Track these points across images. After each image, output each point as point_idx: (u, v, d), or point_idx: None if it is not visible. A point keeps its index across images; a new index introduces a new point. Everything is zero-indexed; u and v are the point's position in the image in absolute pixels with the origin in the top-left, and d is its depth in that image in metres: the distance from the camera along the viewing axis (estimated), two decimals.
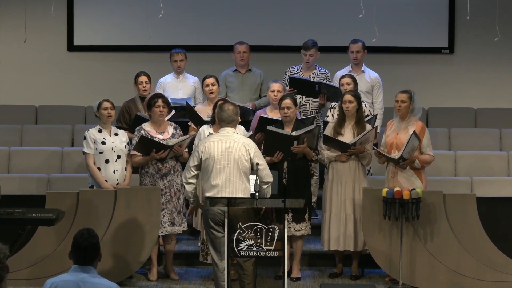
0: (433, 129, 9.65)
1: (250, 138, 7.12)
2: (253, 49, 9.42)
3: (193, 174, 6.59)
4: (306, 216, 7.79)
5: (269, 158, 7.54)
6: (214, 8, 10.69)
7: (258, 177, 6.43)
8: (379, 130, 8.45)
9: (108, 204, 7.54)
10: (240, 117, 6.89)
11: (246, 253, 6.13)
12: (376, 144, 8.04)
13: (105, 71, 10.73)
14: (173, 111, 8.19)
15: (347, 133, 7.82)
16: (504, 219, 8.55)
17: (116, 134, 7.88)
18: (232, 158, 6.48)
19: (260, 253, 6.11)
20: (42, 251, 7.51)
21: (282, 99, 7.84)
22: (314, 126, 7.79)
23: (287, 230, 6.14)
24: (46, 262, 7.49)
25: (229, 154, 6.49)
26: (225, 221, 6.16)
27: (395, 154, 7.65)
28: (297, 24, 10.60)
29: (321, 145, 7.96)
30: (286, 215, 6.18)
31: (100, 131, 7.84)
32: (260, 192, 6.43)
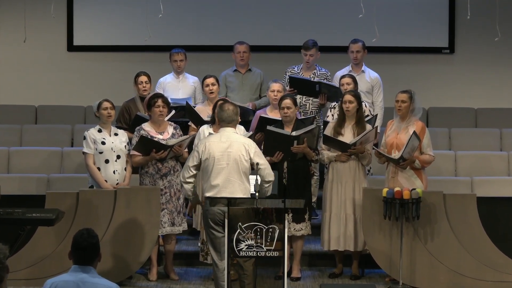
0: (433, 129, 9.64)
1: (250, 138, 7.11)
2: (253, 49, 9.41)
3: (191, 174, 6.58)
4: (306, 216, 7.79)
5: (269, 158, 7.52)
6: (214, 8, 10.68)
7: (259, 177, 6.42)
8: (379, 130, 8.44)
9: (108, 204, 7.53)
10: (240, 117, 6.89)
11: (246, 253, 6.12)
12: (376, 144, 8.04)
13: (105, 71, 10.72)
14: (173, 111, 8.18)
15: (347, 133, 7.81)
16: (504, 219, 8.55)
17: (116, 134, 7.87)
18: (232, 158, 6.47)
19: (260, 253, 6.10)
20: (41, 251, 7.50)
21: (282, 99, 7.83)
22: (314, 126, 7.78)
23: (287, 230, 6.14)
24: (45, 262, 7.48)
25: (229, 154, 6.48)
26: (225, 221, 6.16)
27: (395, 154, 7.64)
28: (297, 24, 10.59)
29: (321, 145, 7.95)
30: (286, 215, 6.17)
31: (100, 131, 7.83)
32: (260, 192, 6.42)
